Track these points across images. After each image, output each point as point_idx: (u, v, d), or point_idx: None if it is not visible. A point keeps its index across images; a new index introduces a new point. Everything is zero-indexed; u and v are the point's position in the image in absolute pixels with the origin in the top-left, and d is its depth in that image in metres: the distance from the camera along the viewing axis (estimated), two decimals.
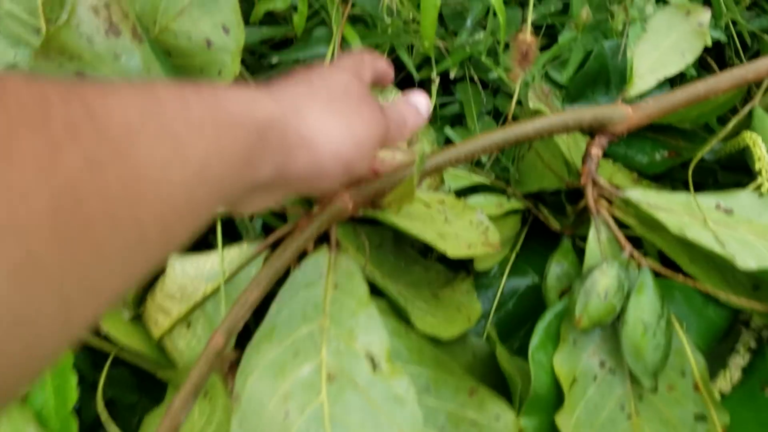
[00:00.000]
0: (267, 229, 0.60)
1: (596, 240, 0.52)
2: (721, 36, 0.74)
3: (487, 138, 0.49)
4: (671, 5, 0.57)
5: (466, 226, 0.55)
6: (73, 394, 0.53)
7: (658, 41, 0.56)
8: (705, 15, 0.57)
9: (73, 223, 0.20)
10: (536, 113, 0.58)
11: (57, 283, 0.20)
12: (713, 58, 0.78)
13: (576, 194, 0.61)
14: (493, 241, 0.54)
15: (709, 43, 0.58)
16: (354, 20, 0.70)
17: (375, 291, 0.53)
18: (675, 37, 0.56)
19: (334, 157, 0.36)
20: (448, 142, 0.80)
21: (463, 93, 0.78)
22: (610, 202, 0.53)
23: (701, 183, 0.73)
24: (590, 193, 0.52)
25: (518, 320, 0.65)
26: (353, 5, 0.71)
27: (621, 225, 0.54)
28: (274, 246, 0.51)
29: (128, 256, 0.23)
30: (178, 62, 0.54)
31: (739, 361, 0.61)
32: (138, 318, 0.57)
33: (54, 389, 0.54)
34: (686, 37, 0.56)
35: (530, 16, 0.62)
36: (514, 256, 0.67)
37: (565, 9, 0.78)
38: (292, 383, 0.44)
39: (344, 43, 0.68)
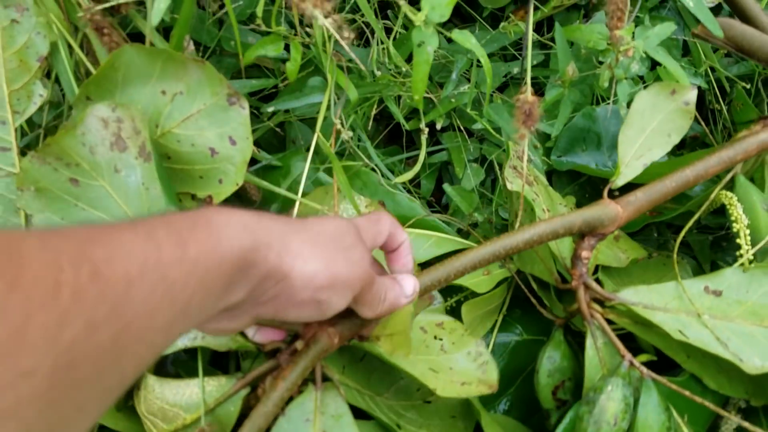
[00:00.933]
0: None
1: (593, 347, 0.49)
2: (702, 83, 0.71)
3: (477, 254, 0.46)
4: (656, 85, 0.54)
5: (464, 357, 0.51)
6: None
7: (644, 124, 0.53)
8: (691, 93, 0.53)
9: (64, 390, 0.22)
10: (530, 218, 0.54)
11: None
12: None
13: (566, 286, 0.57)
14: (490, 380, 0.49)
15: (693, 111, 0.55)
16: (344, 71, 0.67)
17: (364, 414, 0.49)
18: (660, 118, 0.53)
19: (305, 283, 0.34)
20: (439, 191, 0.78)
21: (450, 142, 0.77)
22: (602, 303, 0.50)
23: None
24: (583, 298, 0.49)
25: (509, 377, 0.63)
26: (342, 55, 0.68)
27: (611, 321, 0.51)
28: (255, 384, 0.47)
29: (106, 398, 0.25)
30: (177, 167, 0.51)
31: (730, 425, 0.59)
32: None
33: None
34: (672, 117, 0.53)
35: (528, 76, 0.59)
36: (501, 317, 0.65)
37: (546, 62, 0.75)
38: None
39: (339, 90, 0.65)
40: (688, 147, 0.80)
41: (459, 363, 0.48)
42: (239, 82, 0.70)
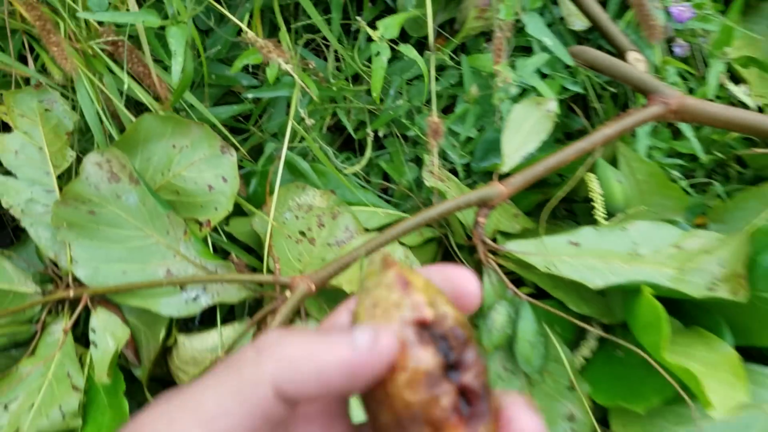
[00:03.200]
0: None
1: (489, 283, 0.70)
2: (579, 89, 0.92)
3: (407, 224, 0.66)
4: (526, 99, 0.75)
5: None
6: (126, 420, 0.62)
7: (519, 127, 0.74)
8: (551, 104, 0.74)
9: None
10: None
11: None
12: (580, 104, 0.97)
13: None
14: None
15: (553, 118, 0.77)
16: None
17: None
18: (531, 122, 0.74)
19: None
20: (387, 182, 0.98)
21: (391, 146, 0.95)
22: (495, 254, 0.71)
23: (573, 199, 0.92)
24: (481, 250, 0.70)
25: None
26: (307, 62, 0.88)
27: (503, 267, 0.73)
28: (260, 323, 0.67)
29: None
30: (184, 199, 0.69)
31: (594, 332, 0.80)
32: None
33: (111, 416, 0.68)
34: (539, 121, 0.74)
35: (434, 104, 0.79)
36: None
37: (461, 81, 0.96)
38: None
39: (304, 94, 0.82)
40: (575, 138, 1.01)
41: None
42: (223, 108, 0.87)
